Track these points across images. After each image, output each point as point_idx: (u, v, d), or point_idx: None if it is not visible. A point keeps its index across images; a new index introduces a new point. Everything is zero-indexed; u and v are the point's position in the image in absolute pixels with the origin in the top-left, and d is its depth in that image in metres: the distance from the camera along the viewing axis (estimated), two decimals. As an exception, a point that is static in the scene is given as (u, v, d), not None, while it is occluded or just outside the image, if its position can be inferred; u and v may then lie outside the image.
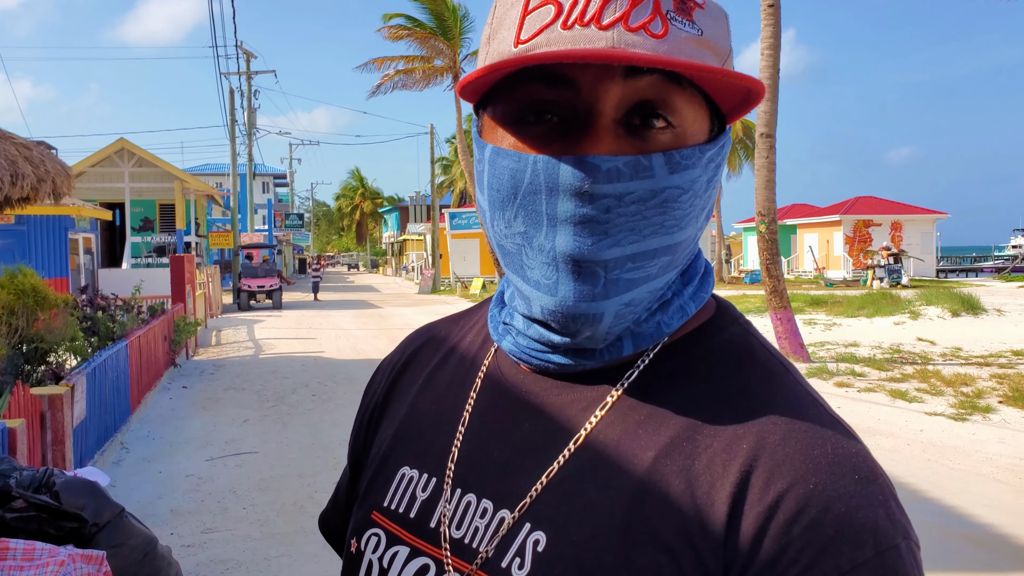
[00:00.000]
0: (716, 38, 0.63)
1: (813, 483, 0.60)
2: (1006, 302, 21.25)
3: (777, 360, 0.70)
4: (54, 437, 5.13)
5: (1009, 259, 65.90)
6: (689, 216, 0.64)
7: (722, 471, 0.62)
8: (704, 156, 0.64)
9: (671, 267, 0.67)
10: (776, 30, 12.28)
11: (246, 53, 33.36)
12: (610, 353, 0.69)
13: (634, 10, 0.60)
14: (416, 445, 0.78)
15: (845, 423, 0.66)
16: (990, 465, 6.51)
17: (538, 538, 0.65)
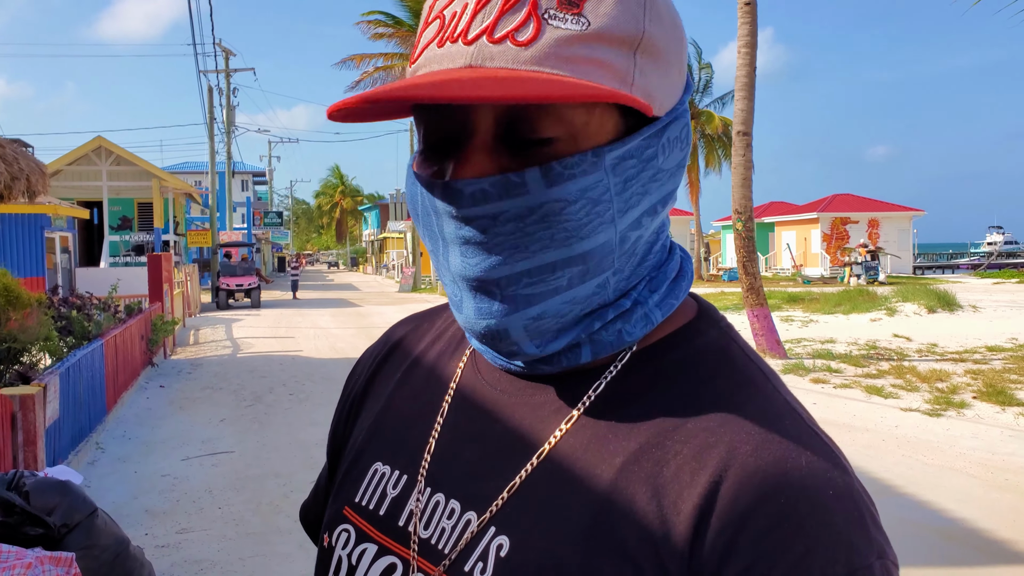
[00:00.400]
0: (613, 26, 0.58)
1: (785, 498, 0.56)
2: (981, 298, 21.50)
3: (756, 366, 0.66)
4: (26, 438, 5.08)
5: (985, 256, 66.70)
6: (590, 225, 0.59)
7: (690, 480, 0.59)
8: (604, 159, 0.59)
9: (591, 274, 0.62)
10: (752, 28, 12.35)
11: (225, 51, 33.16)
12: (568, 360, 0.66)
13: (503, 17, 0.57)
14: (391, 440, 0.76)
15: (824, 436, 0.63)
16: (964, 460, 6.58)
17: (501, 543, 0.63)
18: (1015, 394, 9.03)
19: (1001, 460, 6.55)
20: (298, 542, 4.96)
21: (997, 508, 5.44)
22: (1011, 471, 6.25)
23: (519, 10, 0.57)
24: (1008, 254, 68.56)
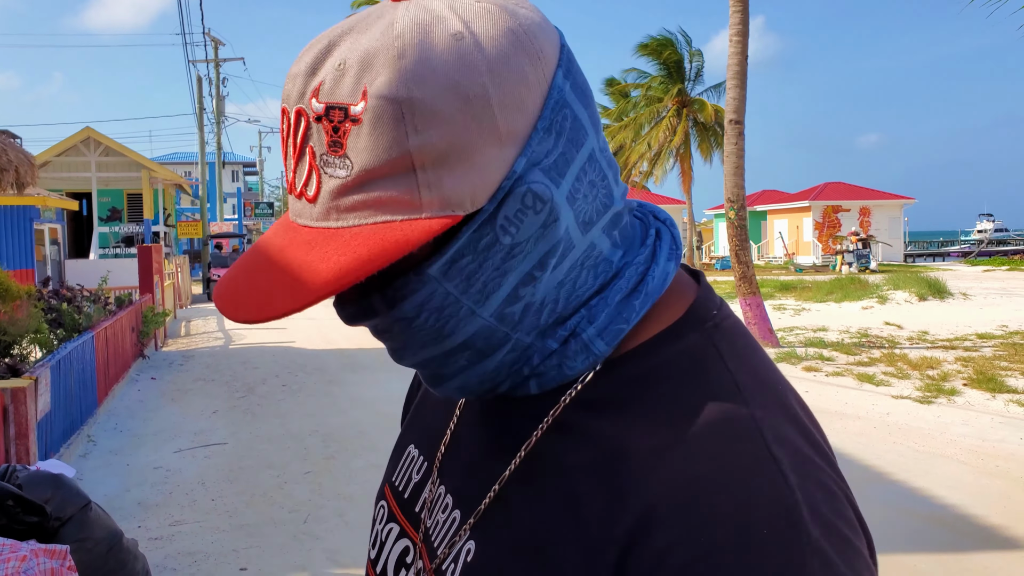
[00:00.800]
0: (374, 159, 0.55)
1: (707, 537, 0.53)
2: (971, 286, 21.59)
3: (732, 377, 0.61)
4: (17, 431, 5.06)
5: (975, 243, 66.93)
6: (448, 325, 0.61)
7: (623, 510, 0.57)
8: (427, 274, 0.59)
9: (488, 352, 0.63)
10: (744, 17, 12.34)
11: (214, 40, 32.95)
12: (523, 391, 0.66)
13: (297, 166, 0.58)
14: (422, 427, 0.81)
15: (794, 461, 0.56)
16: (954, 447, 6.61)
17: (469, 547, 0.65)
18: (1005, 381, 9.08)
19: (991, 447, 6.59)
20: (292, 533, 4.96)
21: (987, 494, 5.47)
22: (1001, 457, 6.29)
23: (304, 161, 0.58)
24: (998, 241, 68.81)
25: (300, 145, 0.58)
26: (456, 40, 0.55)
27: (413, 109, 0.54)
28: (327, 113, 0.55)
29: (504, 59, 0.56)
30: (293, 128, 0.58)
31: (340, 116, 0.55)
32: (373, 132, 0.54)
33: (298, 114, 0.57)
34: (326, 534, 4.95)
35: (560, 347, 0.64)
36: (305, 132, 0.57)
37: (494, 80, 0.55)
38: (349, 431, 7.46)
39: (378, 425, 7.68)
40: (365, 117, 0.54)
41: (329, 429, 7.58)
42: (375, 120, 0.54)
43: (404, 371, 10.61)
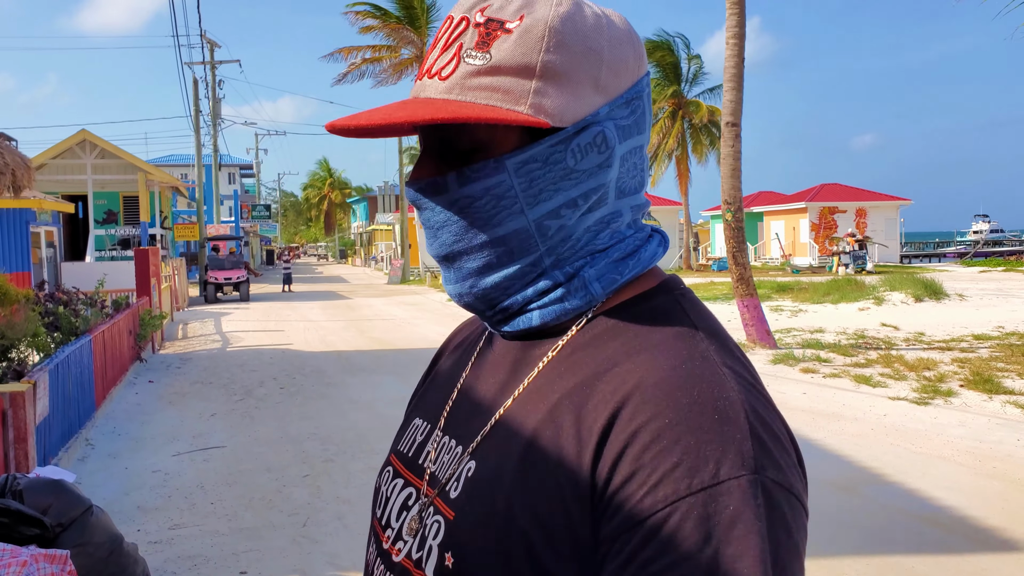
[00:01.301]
0: (508, 59, 0.74)
1: (670, 418, 0.67)
2: (968, 287, 21.63)
3: (691, 321, 0.78)
4: (16, 435, 5.06)
5: (971, 244, 67.01)
6: (499, 215, 0.77)
7: (603, 408, 0.71)
8: (503, 164, 0.76)
9: (518, 255, 0.79)
10: (741, 19, 12.36)
11: (210, 42, 32.93)
12: (523, 322, 0.82)
13: (441, 56, 0.77)
14: (429, 400, 0.95)
15: (738, 378, 0.71)
16: (951, 448, 6.63)
17: (470, 466, 0.79)
18: (1002, 382, 9.10)
19: (988, 448, 6.60)
20: (291, 537, 4.96)
21: (985, 495, 5.49)
22: (998, 459, 6.30)
23: (450, 51, 0.77)
24: (994, 242, 68.94)
25: (453, 39, 0.77)
26: (596, 16, 0.78)
27: (553, 36, 0.75)
28: (486, 23, 0.76)
29: (620, 42, 0.78)
30: (453, 27, 0.78)
31: (496, 27, 0.75)
32: (520, 40, 0.75)
33: (463, 19, 0.77)
34: (325, 537, 4.95)
35: (566, 281, 0.80)
36: (462, 32, 0.77)
37: (610, 49, 0.77)
38: (347, 434, 7.46)
39: (377, 428, 7.68)
40: (517, 30, 0.75)
41: (328, 432, 7.58)
42: (524, 32, 0.75)
43: (402, 373, 10.62)
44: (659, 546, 0.64)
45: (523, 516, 0.71)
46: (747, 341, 12.51)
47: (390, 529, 0.86)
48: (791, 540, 0.66)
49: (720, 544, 0.63)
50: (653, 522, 0.64)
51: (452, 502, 0.78)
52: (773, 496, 0.65)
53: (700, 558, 0.62)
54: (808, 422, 7.59)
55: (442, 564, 0.76)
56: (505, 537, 0.72)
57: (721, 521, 0.63)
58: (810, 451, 6.62)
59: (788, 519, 0.66)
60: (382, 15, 31.29)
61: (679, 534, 0.63)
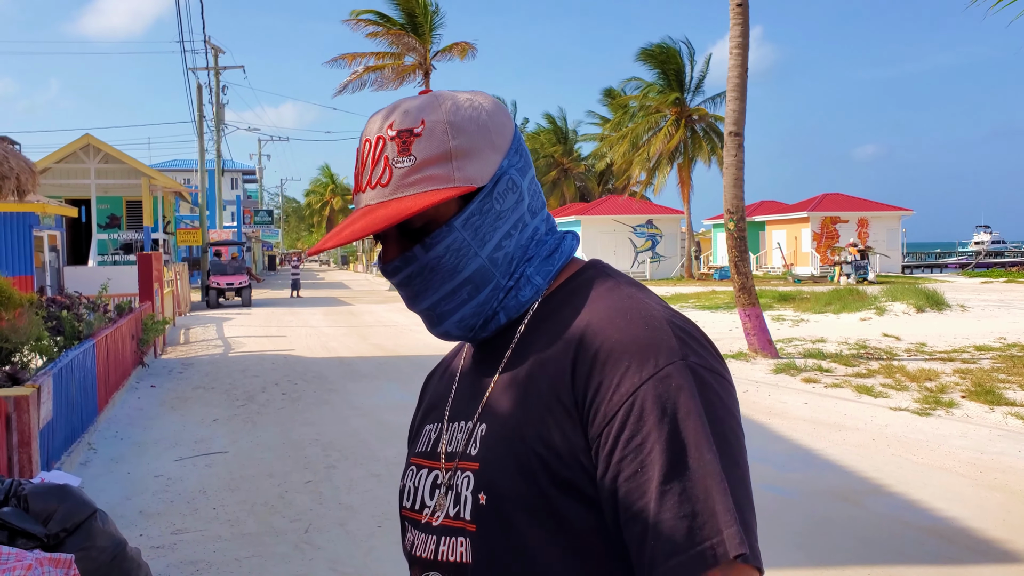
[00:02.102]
0: (428, 154, 0.98)
1: (615, 337, 0.92)
2: (969, 298, 21.61)
3: (615, 280, 1.03)
4: (20, 439, 5.07)
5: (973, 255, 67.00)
6: (461, 262, 1.00)
7: (568, 346, 0.95)
8: (453, 226, 0.99)
9: (483, 286, 1.02)
10: (744, 29, 12.39)
11: (214, 48, 33.01)
12: (494, 324, 1.04)
13: (374, 170, 1.00)
14: (434, 410, 1.13)
15: (657, 303, 0.98)
16: (952, 459, 6.63)
17: (483, 429, 1.00)
18: (1004, 393, 9.10)
19: (990, 459, 6.60)
20: (294, 543, 4.97)
21: (986, 506, 5.49)
22: (1000, 470, 6.30)
23: (380, 165, 0.99)
24: (995, 253, 68.92)
25: (379, 155, 0.99)
26: (470, 101, 1.03)
27: (451, 128, 0.99)
28: (399, 134, 0.98)
29: (494, 112, 1.04)
30: (374, 146, 1.00)
31: (407, 135, 0.98)
32: (429, 139, 0.98)
33: (379, 138, 0.99)
34: (327, 543, 4.96)
35: (514, 284, 1.03)
36: (383, 148, 0.99)
37: (490, 118, 1.03)
38: (349, 440, 7.47)
39: (378, 434, 7.69)
40: (424, 132, 0.98)
41: (329, 438, 7.59)
42: (430, 132, 0.98)
43: (404, 380, 10.62)
44: (632, 425, 0.87)
45: (532, 441, 0.93)
46: (749, 350, 12.51)
47: (426, 508, 1.04)
48: (721, 401, 0.91)
49: (674, 410, 0.87)
50: (623, 410, 0.88)
51: (474, 457, 0.98)
52: (698, 371, 0.90)
53: (663, 422, 0.87)
54: (810, 432, 7.59)
55: (477, 504, 0.96)
56: (525, 462, 0.93)
57: (670, 394, 0.88)
58: (811, 461, 6.62)
59: (715, 387, 0.91)
60: (385, 22, 31.37)
61: (644, 412, 0.87)
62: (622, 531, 0.89)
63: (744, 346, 12.85)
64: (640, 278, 37.85)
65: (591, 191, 52.54)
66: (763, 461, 6.42)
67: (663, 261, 39.50)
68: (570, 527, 0.91)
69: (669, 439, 0.86)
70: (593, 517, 0.91)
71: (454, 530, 0.98)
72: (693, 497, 0.84)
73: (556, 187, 52.12)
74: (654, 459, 0.86)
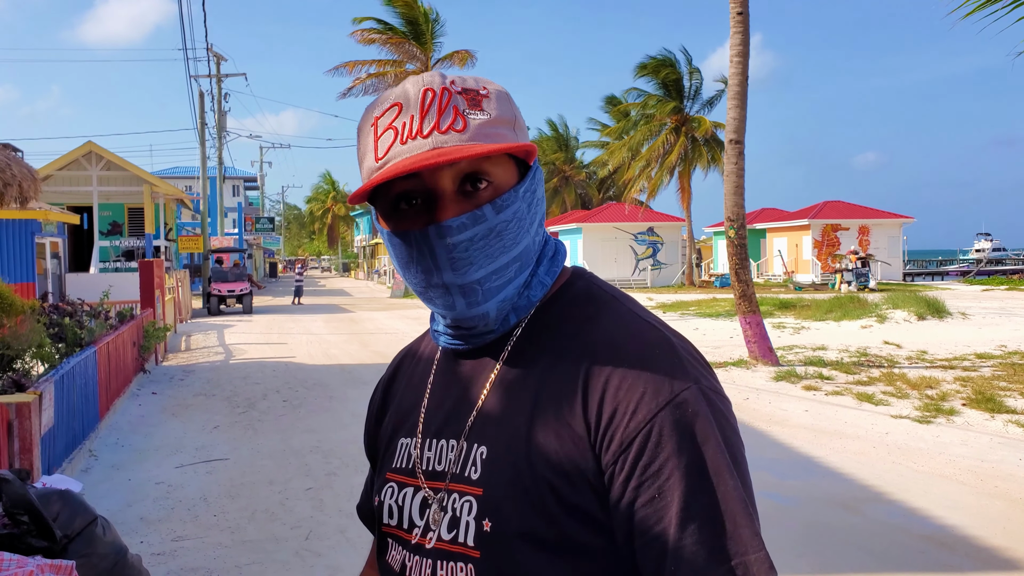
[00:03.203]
0: (501, 113, 0.96)
1: (628, 362, 0.92)
2: (970, 305, 21.60)
3: (610, 295, 1.03)
4: (21, 445, 5.08)
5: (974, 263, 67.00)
6: (520, 233, 0.97)
7: (577, 368, 0.94)
8: (519, 193, 0.97)
9: (525, 267, 0.99)
10: (745, 37, 12.42)
11: (216, 56, 33.09)
12: (503, 326, 1.01)
13: (441, 117, 0.92)
14: (406, 422, 1.10)
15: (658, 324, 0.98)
16: (953, 467, 6.63)
17: (483, 451, 0.97)
18: (1004, 401, 9.10)
19: (991, 467, 6.60)
20: (294, 550, 4.97)
21: (987, 514, 5.49)
22: (1000, 478, 6.30)
23: (450, 114, 0.92)
24: (996, 261, 68.90)
25: (446, 104, 0.93)
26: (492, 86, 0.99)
27: (510, 98, 0.99)
28: (464, 91, 0.94)
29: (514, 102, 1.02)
30: (439, 96, 0.93)
31: (474, 94, 0.95)
32: (497, 102, 0.96)
33: (444, 90, 0.94)
34: (328, 551, 4.96)
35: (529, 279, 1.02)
36: (451, 98, 0.93)
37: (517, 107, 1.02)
38: (350, 447, 7.47)
39: (379, 441, 7.68)
40: (491, 95, 0.96)
41: (330, 445, 7.59)
42: (496, 96, 0.97)
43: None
44: (651, 451, 0.87)
45: (542, 467, 0.91)
46: (749, 357, 12.51)
47: (416, 528, 1.01)
48: (731, 425, 0.92)
49: (693, 435, 0.87)
50: (641, 437, 0.87)
51: (476, 482, 0.96)
52: (710, 396, 0.91)
53: (682, 448, 0.87)
54: (810, 439, 7.59)
55: (481, 531, 0.94)
56: (533, 489, 0.91)
57: (687, 420, 0.88)
58: (812, 469, 6.62)
59: (723, 410, 0.92)
60: (387, 30, 31.45)
61: (662, 439, 0.87)
62: (636, 556, 0.88)
63: (745, 353, 12.85)
64: (641, 286, 37.87)
65: (592, 198, 52.61)
66: (764, 469, 6.42)
67: (664, 268, 39.51)
68: (578, 552, 0.91)
69: (688, 465, 0.86)
70: (602, 541, 0.91)
71: (453, 555, 0.96)
72: (717, 522, 0.85)
73: (557, 194, 52.20)
74: (673, 485, 0.86)
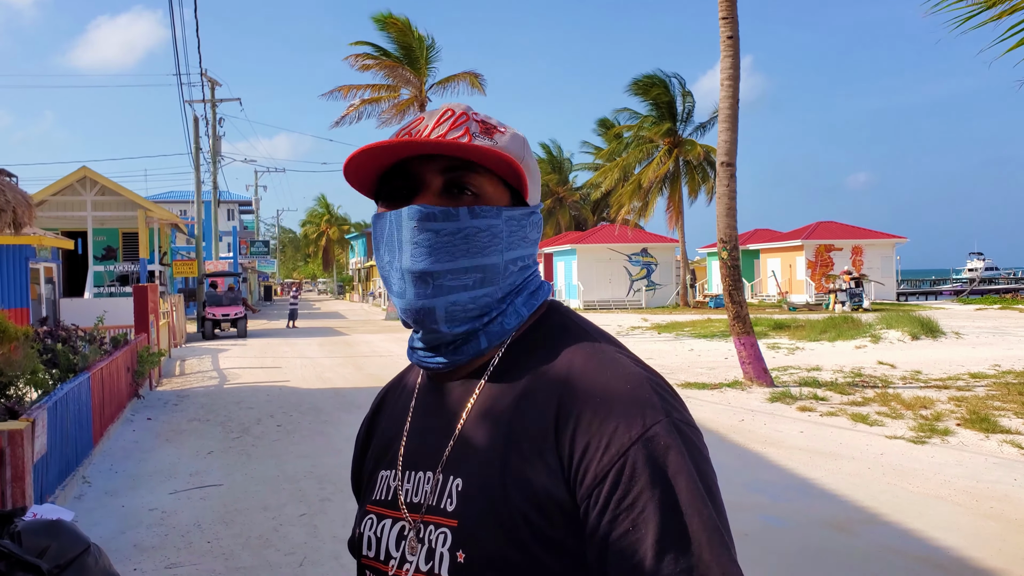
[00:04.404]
0: (509, 148, 1.03)
1: (600, 397, 0.93)
2: (964, 325, 21.67)
3: (583, 330, 1.05)
4: (13, 474, 5.06)
5: (966, 282, 67.19)
6: (491, 248, 1.01)
7: (550, 403, 0.95)
8: (502, 213, 1.02)
9: (486, 283, 1.02)
10: (735, 61, 12.53)
11: (211, 81, 33.24)
12: (473, 347, 1.04)
13: (451, 129, 1.00)
14: (386, 454, 1.12)
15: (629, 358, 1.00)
16: (948, 488, 6.63)
17: (458, 483, 0.98)
18: (999, 421, 9.11)
19: (986, 487, 6.60)
20: (288, 576, 4.94)
21: (983, 536, 5.48)
22: (995, 499, 6.30)
23: (460, 129, 1.00)
24: (989, 280, 69.15)
25: (459, 122, 1.01)
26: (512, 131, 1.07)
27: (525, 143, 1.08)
28: (483, 122, 1.03)
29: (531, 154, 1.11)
30: (457, 116, 1.02)
31: (491, 127, 1.03)
32: (510, 140, 1.04)
33: (463, 113, 1.02)
34: (322, 577, 4.93)
35: (505, 307, 1.05)
36: (466, 120, 1.01)
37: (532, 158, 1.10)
38: (344, 472, 7.44)
39: (373, 466, 7.65)
40: (507, 133, 1.04)
41: (324, 470, 7.57)
42: (512, 137, 1.05)
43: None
44: (624, 484, 0.88)
45: (517, 499, 0.93)
46: (744, 379, 12.52)
47: (392, 560, 1.02)
48: (703, 456, 0.93)
49: (665, 468, 0.88)
50: (615, 471, 0.89)
51: (451, 513, 0.97)
52: (681, 429, 0.92)
53: (655, 481, 0.88)
54: (805, 461, 7.59)
55: (455, 562, 0.95)
56: (507, 520, 0.92)
57: (660, 453, 0.89)
58: (807, 490, 6.61)
59: (696, 443, 0.93)
60: (382, 55, 31.63)
61: (635, 472, 0.88)
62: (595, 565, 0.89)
63: (739, 375, 12.86)
64: (636, 306, 37.91)
65: (586, 220, 52.79)
66: (758, 491, 6.42)
67: (658, 289, 39.57)
68: None
69: (663, 497, 0.87)
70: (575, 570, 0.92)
71: None
72: (693, 552, 0.85)
73: (551, 216, 52.36)
74: (647, 517, 0.86)
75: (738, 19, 12.47)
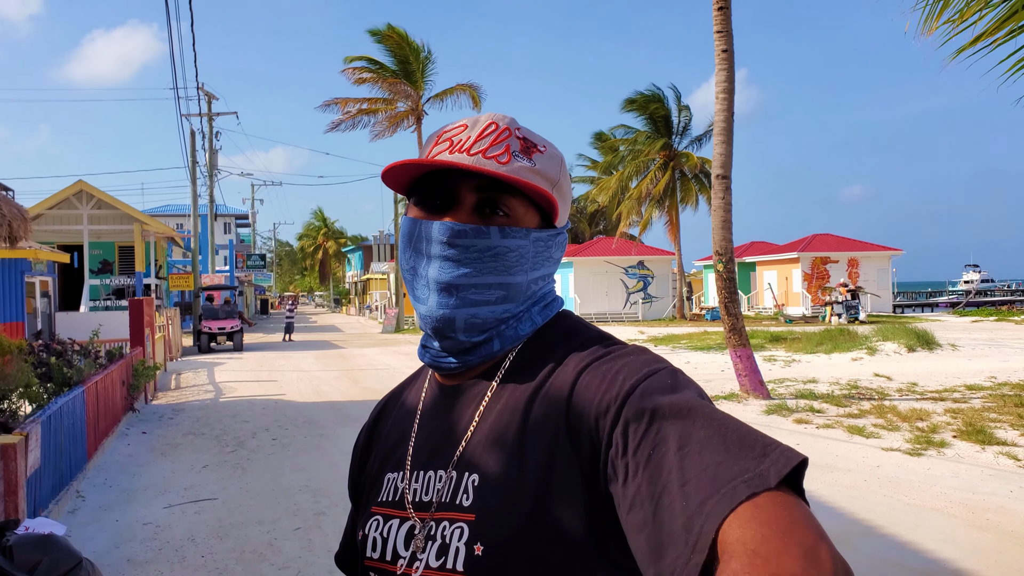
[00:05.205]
0: (546, 169, 1.06)
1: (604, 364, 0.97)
2: (960, 337, 21.69)
3: (594, 332, 1.08)
4: (6, 488, 5.04)
5: (963, 294, 67.32)
6: (517, 268, 1.05)
7: (560, 394, 0.97)
8: (531, 235, 1.05)
9: (508, 300, 1.06)
10: (730, 75, 12.58)
11: (207, 95, 33.30)
12: (485, 350, 1.07)
13: (492, 146, 1.02)
14: (392, 457, 1.13)
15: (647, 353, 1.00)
16: (945, 500, 6.62)
17: (474, 478, 0.99)
18: (995, 433, 9.11)
19: (982, 499, 6.60)
20: (282, 591, 4.91)
21: (979, 548, 5.47)
22: (992, 511, 6.29)
23: (501, 147, 1.03)
24: (985, 291, 69.28)
25: (501, 139, 1.03)
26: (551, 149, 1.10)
27: (563, 165, 1.10)
28: (524, 140, 1.05)
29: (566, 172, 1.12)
30: (500, 131, 1.04)
31: (531, 145, 1.05)
32: (549, 160, 1.07)
33: (506, 128, 1.04)
34: (316, 591, 4.91)
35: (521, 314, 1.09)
36: (508, 137, 1.04)
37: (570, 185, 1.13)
38: (339, 486, 7.42)
39: (369, 479, 7.62)
40: (546, 153, 1.07)
41: (320, 484, 7.54)
42: (550, 157, 1.07)
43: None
44: (637, 416, 0.87)
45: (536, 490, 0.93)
46: (740, 391, 12.51)
47: (400, 559, 1.03)
48: (704, 393, 0.93)
49: (674, 389, 0.90)
50: (627, 408, 0.89)
51: (468, 508, 0.98)
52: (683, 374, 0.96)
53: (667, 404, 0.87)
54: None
55: (472, 555, 0.95)
56: (526, 511, 0.93)
57: (666, 381, 0.91)
58: (804, 503, 6.59)
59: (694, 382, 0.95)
60: (379, 69, 31.72)
61: (644, 400, 0.88)
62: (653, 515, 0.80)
63: (736, 387, 12.85)
64: (632, 319, 37.89)
65: (583, 232, 52.83)
66: (755, 503, 6.39)
67: (655, 302, 39.57)
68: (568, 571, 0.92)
69: (676, 414, 0.85)
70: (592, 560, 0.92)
71: None
72: (719, 444, 0.81)
73: (548, 229, 52.34)
74: (666, 435, 0.84)
75: (732, 33, 12.54)
